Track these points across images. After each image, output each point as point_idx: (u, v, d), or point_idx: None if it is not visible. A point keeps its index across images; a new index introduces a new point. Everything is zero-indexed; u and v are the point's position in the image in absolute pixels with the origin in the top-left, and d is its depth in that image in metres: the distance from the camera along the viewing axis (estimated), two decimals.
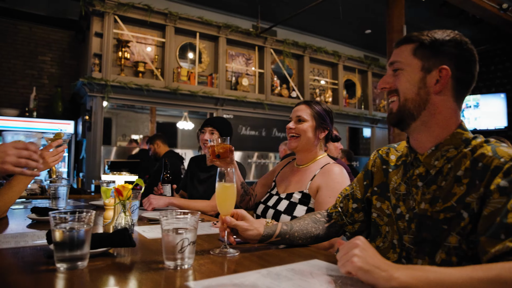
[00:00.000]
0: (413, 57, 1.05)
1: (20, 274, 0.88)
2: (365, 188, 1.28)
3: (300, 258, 1.09)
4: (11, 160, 1.01)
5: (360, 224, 1.30)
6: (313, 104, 1.78)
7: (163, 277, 0.87)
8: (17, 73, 6.45)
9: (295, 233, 1.28)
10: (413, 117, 1.05)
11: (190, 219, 0.95)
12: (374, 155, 1.30)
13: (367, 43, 8.59)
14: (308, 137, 1.73)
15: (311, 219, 1.34)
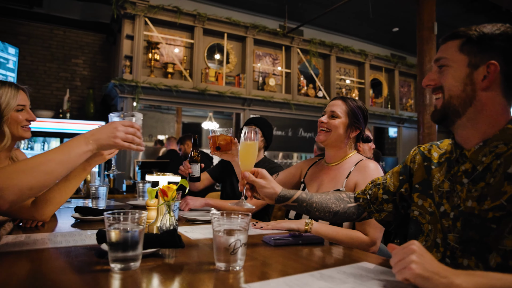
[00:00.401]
0: (459, 53, 1.02)
1: (76, 274, 0.91)
2: (400, 183, 1.26)
3: (348, 260, 1.10)
4: (120, 135, 1.12)
5: (387, 214, 1.29)
6: (349, 101, 1.75)
7: (217, 279, 0.89)
8: (52, 76, 6.68)
9: (313, 203, 1.30)
10: (458, 114, 1.03)
11: (242, 221, 0.97)
12: (414, 151, 1.28)
13: (394, 41, 8.44)
14: (339, 134, 1.71)
15: (334, 196, 1.35)
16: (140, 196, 2.37)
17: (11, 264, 0.97)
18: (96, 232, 1.12)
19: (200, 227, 1.60)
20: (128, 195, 3.67)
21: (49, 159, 1.01)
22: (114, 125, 1.13)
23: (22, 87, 1.62)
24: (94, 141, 1.10)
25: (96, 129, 1.13)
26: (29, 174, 0.96)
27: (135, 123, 1.20)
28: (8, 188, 0.92)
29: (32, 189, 0.97)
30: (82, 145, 1.08)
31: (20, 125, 1.58)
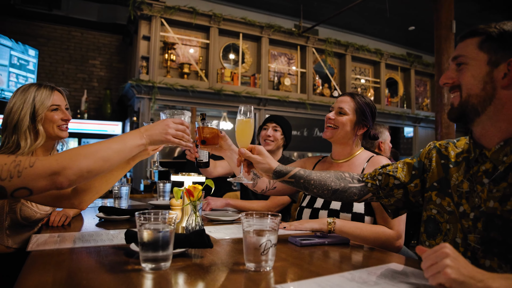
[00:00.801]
0: (478, 50, 1.00)
1: (109, 273, 0.92)
2: (411, 177, 1.25)
3: (376, 262, 1.09)
4: (171, 132, 1.19)
5: (397, 200, 1.28)
6: (357, 97, 1.72)
7: (249, 279, 0.89)
8: (70, 77, 6.80)
9: (311, 180, 1.31)
10: (477, 112, 1.01)
11: (272, 221, 0.97)
12: (429, 146, 1.25)
13: (410, 40, 8.35)
14: (346, 131, 1.69)
15: (335, 175, 1.34)
16: (160, 196, 2.40)
17: (46, 263, 0.99)
18: (125, 232, 1.13)
19: (223, 227, 1.60)
20: (147, 195, 3.71)
21: (108, 147, 1.08)
22: (166, 122, 1.20)
23: (58, 88, 1.67)
24: (148, 136, 1.16)
25: (149, 125, 1.20)
26: (89, 158, 1.03)
27: (185, 121, 1.27)
28: (71, 168, 0.99)
29: (90, 172, 1.04)
30: (137, 138, 1.15)
31: (55, 125, 1.60)
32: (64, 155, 1.01)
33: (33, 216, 1.57)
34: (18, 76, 5.34)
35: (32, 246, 1.16)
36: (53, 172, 0.97)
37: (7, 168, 0.93)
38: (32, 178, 0.94)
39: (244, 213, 0.99)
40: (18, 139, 1.52)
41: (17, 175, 0.93)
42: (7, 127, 1.54)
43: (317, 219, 1.58)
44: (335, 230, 1.50)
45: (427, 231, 1.17)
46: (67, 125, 1.67)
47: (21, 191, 0.95)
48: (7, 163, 0.93)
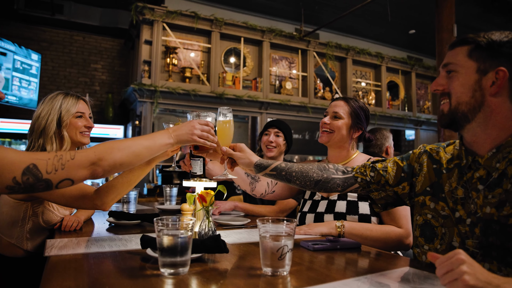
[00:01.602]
0: (468, 58, 1.04)
1: (128, 278, 0.94)
2: (399, 180, 1.28)
3: (390, 266, 1.10)
4: (197, 133, 1.26)
5: (386, 195, 1.31)
6: (351, 101, 1.75)
7: (268, 284, 0.90)
8: (72, 80, 6.81)
9: (293, 172, 1.37)
10: (467, 119, 1.04)
11: (288, 226, 0.98)
12: (420, 150, 1.28)
13: (411, 44, 8.39)
14: (342, 135, 1.71)
15: (318, 166, 1.39)
16: (167, 200, 2.41)
17: (65, 268, 1.00)
18: (140, 237, 1.14)
19: (234, 232, 1.61)
20: (151, 198, 3.72)
21: (139, 143, 1.16)
22: (192, 123, 1.27)
23: (83, 98, 1.74)
24: (175, 136, 1.23)
25: (177, 126, 1.27)
26: (122, 151, 1.11)
27: (210, 122, 1.34)
28: (107, 160, 1.08)
29: (122, 165, 1.12)
30: (165, 137, 1.21)
31: (78, 131, 1.68)
32: (100, 148, 1.09)
33: (54, 220, 1.61)
34: (21, 80, 5.35)
35: (50, 251, 1.17)
36: (92, 163, 1.05)
37: (51, 163, 0.99)
38: (74, 169, 1.02)
39: (260, 219, 1.00)
40: (44, 143, 1.59)
41: (61, 167, 1.00)
42: (33, 131, 1.62)
43: (325, 222, 1.59)
44: (344, 233, 1.51)
45: (425, 235, 1.18)
46: (90, 132, 1.75)
47: (65, 182, 1.03)
48: (50, 158, 1.00)
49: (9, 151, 0.98)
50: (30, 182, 0.97)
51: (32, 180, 0.97)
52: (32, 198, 1.53)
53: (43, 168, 0.98)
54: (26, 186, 0.97)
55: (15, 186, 0.96)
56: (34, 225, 1.57)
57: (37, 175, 0.98)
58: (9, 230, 1.55)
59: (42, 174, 0.98)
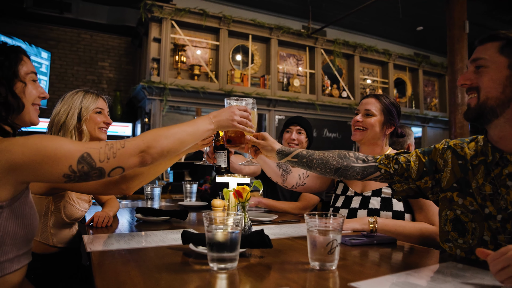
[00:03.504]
0: (499, 54, 1.04)
1: (180, 273, 0.94)
2: (421, 174, 1.27)
3: (434, 260, 1.11)
4: (237, 118, 1.28)
5: (408, 188, 1.31)
6: (382, 98, 1.75)
7: (320, 278, 0.90)
8: (79, 79, 6.81)
9: (314, 160, 1.40)
10: (495, 114, 1.04)
11: (336, 221, 0.98)
12: (443, 145, 1.27)
13: (418, 40, 8.36)
14: (375, 132, 1.71)
15: (338, 154, 1.41)
16: (187, 197, 2.41)
17: (112, 264, 1.00)
18: (181, 233, 1.14)
19: (265, 227, 1.61)
20: (164, 195, 3.72)
21: (183, 130, 1.17)
22: (232, 109, 1.29)
23: (102, 96, 1.79)
24: (216, 122, 1.25)
25: (217, 112, 1.28)
26: (169, 139, 1.13)
27: (249, 108, 1.36)
28: (155, 147, 1.09)
29: (169, 152, 1.14)
30: (207, 123, 1.23)
31: (97, 126, 1.72)
32: (148, 136, 1.10)
33: (75, 214, 1.62)
34: None
35: (91, 247, 1.17)
36: (141, 150, 1.07)
37: (103, 151, 1.01)
38: (125, 157, 1.04)
39: (307, 214, 1.00)
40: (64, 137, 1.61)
41: (113, 156, 1.02)
42: (53, 125, 1.65)
43: (357, 218, 1.58)
44: (377, 229, 1.51)
45: (458, 230, 1.18)
46: (107, 128, 1.79)
47: (117, 170, 1.05)
48: (102, 146, 1.02)
49: (64, 141, 1.00)
50: (85, 170, 0.99)
51: (87, 169, 0.99)
52: (53, 192, 1.53)
53: (96, 156, 1.00)
54: (81, 174, 0.99)
55: (71, 175, 0.98)
56: (56, 220, 1.58)
57: (91, 163, 0.99)
58: None
59: (96, 163, 1.00)
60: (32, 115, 1.14)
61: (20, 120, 1.11)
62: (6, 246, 0.98)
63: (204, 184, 4.11)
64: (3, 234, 0.97)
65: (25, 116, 1.11)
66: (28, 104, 1.11)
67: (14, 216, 0.99)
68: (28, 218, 1.05)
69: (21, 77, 1.08)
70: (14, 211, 0.99)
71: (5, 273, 0.99)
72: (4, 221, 0.97)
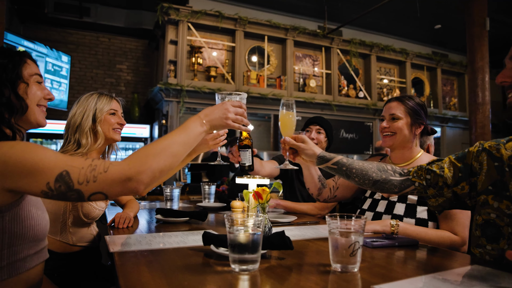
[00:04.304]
0: None
1: (202, 274, 0.94)
2: (457, 180, 1.23)
3: (459, 264, 1.08)
4: (231, 116, 1.17)
5: (445, 200, 1.26)
6: (406, 100, 1.71)
7: (343, 280, 0.90)
8: (98, 81, 6.94)
9: (353, 169, 1.36)
10: None
11: (357, 223, 0.97)
12: (477, 148, 1.23)
13: (436, 39, 8.23)
14: (404, 135, 1.68)
15: (378, 166, 1.36)
16: (205, 198, 2.42)
17: (136, 264, 1.01)
18: (202, 234, 1.15)
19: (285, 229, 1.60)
20: (182, 197, 3.75)
21: (173, 142, 1.04)
22: (225, 106, 1.17)
23: (116, 98, 1.82)
24: (208, 122, 1.14)
25: (209, 110, 1.16)
26: (158, 157, 0.99)
27: (243, 104, 1.26)
28: (145, 171, 0.96)
29: (162, 172, 1.00)
30: (198, 126, 1.12)
31: (111, 127, 1.74)
32: (134, 159, 0.97)
33: (93, 212, 1.65)
34: (53, 81, 5.49)
35: (114, 248, 1.18)
36: (127, 178, 0.94)
37: (84, 173, 0.91)
38: (107, 184, 0.92)
39: (329, 215, 1.00)
40: (80, 138, 1.67)
41: (93, 179, 0.91)
42: (70, 127, 1.69)
43: (379, 220, 1.57)
44: (398, 232, 1.49)
45: (486, 235, 1.15)
46: (121, 129, 1.81)
47: (97, 195, 0.94)
48: (84, 167, 0.92)
49: (46, 153, 0.92)
50: (62, 190, 0.90)
51: (64, 189, 0.90)
52: None
53: (75, 177, 0.90)
54: (58, 194, 0.91)
55: (48, 192, 0.90)
56: (74, 219, 1.62)
57: (69, 184, 0.90)
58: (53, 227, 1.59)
59: (74, 184, 0.90)
60: (37, 116, 1.11)
61: (26, 121, 1.10)
62: (16, 247, 0.98)
63: (221, 185, 4.13)
64: (10, 236, 0.96)
65: (30, 117, 1.09)
66: (32, 105, 1.09)
67: (19, 218, 0.98)
68: (35, 219, 1.03)
69: (25, 78, 1.07)
70: (18, 213, 0.98)
71: (19, 272, 1.00)
72: (8, 224, 0.96)
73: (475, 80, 4.63)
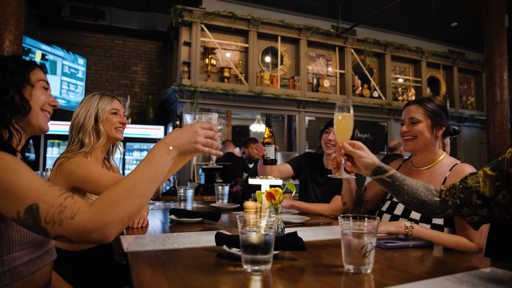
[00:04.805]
0: None
1: (214, 275, 0.95)
2: (496, 189, 1.18)
3: (473, 266, 1.06)
4: (201, 140, 1.06)
5: (480, 218, 1.20)
6: (425, 103, 1.67)
7: (355, 281, 0.89)
8: (113, 83, 7.04)
9: (405, 186, 1.28)
10: None
11: (370, 224, 0.96)
12: (510, 153, 1.19)
13: (453, 37, 8.09)
14: (426, 138, 1.64)
15: (423, 185, 1.30)
16: (219, 198, 2.43)
17: (149, 264, 1.02)
18: (215, 234, 1.15)
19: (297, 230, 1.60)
20: (196, 197, 3.78)
21: (139, 181, 0.95)
22: (194, 129, 1.06)
23: (118, 98, 1.85)
24: (175, 148, 1.03)
25: (176, 134, 1.05)
26: (124, 202, 0.92)
27: (214, 125, 1.13)
28: (112, 222, 0.90)
29: (130, 217, 0.94)
30: (164, 155, 1.01)
31: (113, 127, 1.77)
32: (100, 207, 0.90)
33: None
34: (69, 84, 5.59)
35: (128, 248, 1.20)
36: (93, 230, 0.87)
37: (52, 212, 0.86)
38: (72, 231, 0.87)
39: (341, 216, 0.99)
40: (83, 138, 1.71)
41: (59, 223, 0.86)
42: (73, 128, 1.73)
43: (393, 222, 1.55)
44: (412, 234, 1.47)
45: None
46: (124, 128, 1.84)
47: (62, 239, 0.88)
48: (54, 205, 0.87)
49: (23, 179, 0.88)
50: (29, 223, 0.86)
51: (31, 222, 0.86)
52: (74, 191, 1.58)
53: (43, 214, 0.86)
54: (26, 225, 0.87)
55: (17, 220, 0.87)
56: None
57: (36, 219, 0.86)
58: None
59: (41, 221, 0.86)
60: (40, 119, 1.10)
61: (28, 124, 1.09)
62: (15, 253, 0.97)
63: (235, 186, 4.14)
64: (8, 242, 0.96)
65: (32, 120, 1.08)
66: (36, 108, 1.09)
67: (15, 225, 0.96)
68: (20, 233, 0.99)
69: (31, 81, 1.08)
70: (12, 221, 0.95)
71: (22, 276, 0.99)
72: (4, 231, 0.95)
73: (493, 78, 4.54)
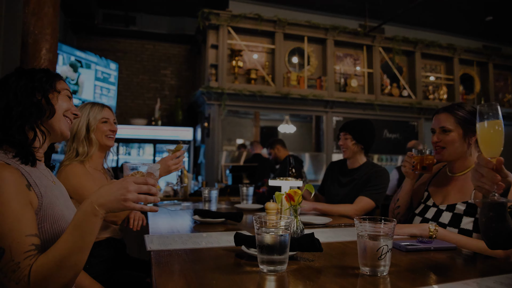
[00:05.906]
0: None
1: (231, 274, 0.98)
2: None
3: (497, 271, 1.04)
4: (132, 197, 0.97)
5: None
6: (455, 110, 1.61)
7: (371, 284, 0.90)
8: (144, 87, 7.24)
9: None
10: None
11: (387, 226, 0.96)
12: None
13: (487, 32, 7.77)
14: (456, 147, 1.59)
15: None
16: (243, 199, 2.47)
17: (170, 263, 1.07)
18: (234, 235, 1.19)
19: (318, 231, 1.61)
20: (223, 198, 3.83)
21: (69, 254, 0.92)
22: (124, 185, 0.98)
23: (107, 106, 1.95)
24: (101, 207, 0.95)
25: (105, 190, 0.98)
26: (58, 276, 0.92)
27: (150, 178, 1.03)
28: None
29: (68, 286, 0.95)
30: (91, 218, 0.95)
31: (104, 134, 1.87)
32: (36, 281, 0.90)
33: None
34: (102, 88, 5.82)
35: (151, 246, 1.25)
36: None
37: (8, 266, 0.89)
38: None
39: (357, 218, 1.00)
40: (77, 147, 1.82)
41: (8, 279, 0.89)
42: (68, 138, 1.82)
43: (416, 224, 1.53)
44: (436, 237, 1.44)
45: None
46: (114, 135, 1.93)
47: None
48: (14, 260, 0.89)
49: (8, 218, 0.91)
50: None
51: None
52: None
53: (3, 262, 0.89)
54: None
55: None
56: None
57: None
58: None
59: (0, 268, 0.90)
60: (62, 124, 1.15)
61: (51, 128, 1.14)
62: None
63: (261, 186, 4.17)
64: None
65: (55, 124, 1.14)
66: (59, 112, 1.15)
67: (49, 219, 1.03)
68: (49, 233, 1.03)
69: (57, 88, 1.15)
70: None
71: None
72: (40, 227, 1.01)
73: None
